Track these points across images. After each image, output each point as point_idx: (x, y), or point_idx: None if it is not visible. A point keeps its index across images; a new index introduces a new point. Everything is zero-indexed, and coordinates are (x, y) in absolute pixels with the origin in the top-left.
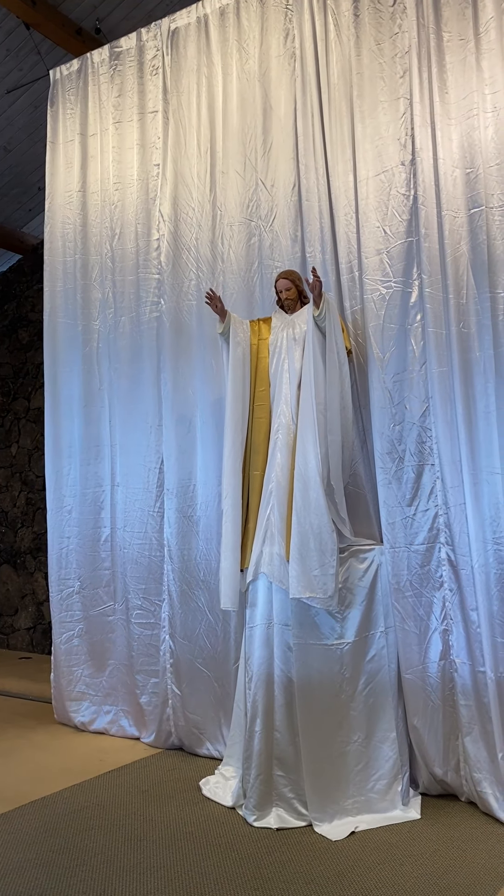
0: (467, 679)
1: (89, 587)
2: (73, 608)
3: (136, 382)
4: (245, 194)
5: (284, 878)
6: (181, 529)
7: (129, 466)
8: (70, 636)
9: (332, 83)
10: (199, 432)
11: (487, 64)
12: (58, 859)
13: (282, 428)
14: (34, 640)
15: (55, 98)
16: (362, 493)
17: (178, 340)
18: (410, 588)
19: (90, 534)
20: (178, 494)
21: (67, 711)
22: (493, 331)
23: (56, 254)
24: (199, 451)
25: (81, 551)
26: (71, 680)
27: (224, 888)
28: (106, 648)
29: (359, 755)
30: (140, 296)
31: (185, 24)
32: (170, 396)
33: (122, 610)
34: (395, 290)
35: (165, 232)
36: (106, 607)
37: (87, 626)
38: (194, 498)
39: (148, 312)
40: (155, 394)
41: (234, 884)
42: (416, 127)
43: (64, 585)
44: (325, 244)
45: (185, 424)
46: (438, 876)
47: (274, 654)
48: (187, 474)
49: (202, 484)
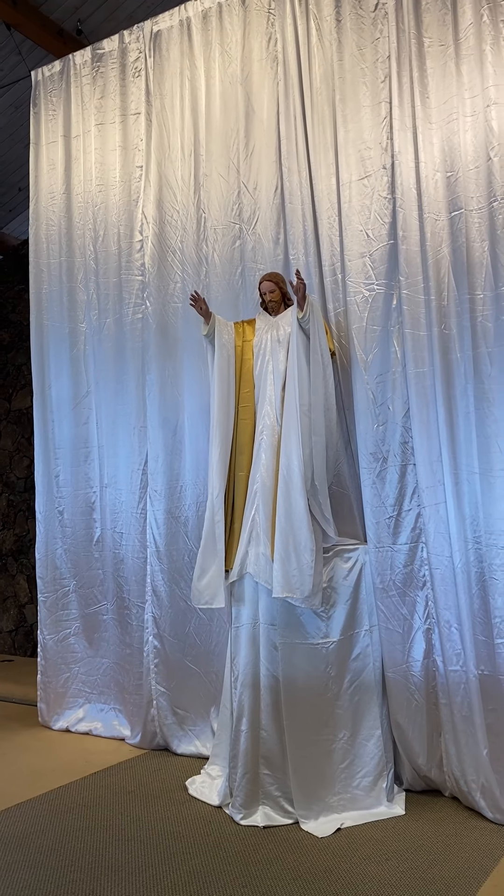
0: (448, 677)
1: (84, 587)
2: (68, 607)
3: (120, 384)
4: (229, 197)
5: (272, 875)
6: (170, 530)
7: (115, 468)
8: (66, 634)
9: (314, 87)
10: (187, 433)
11: (466, 69)
12: (46, 860)
13: (266, 429)
14: (16, 642)
15: (37, 99)
16: (347, 493)
17: (163, 342)
18: (394, 587)
19: (83, 534)
20: (167, 495)
21: (58, 711)
22: (471, 332)
23: (41, 255)
24: (187, 451)
25: (75, 552)
26: (67, 678)
27: (212, 886)
28: (101, 647)
29: (344, 753)
30: (123, 297)
31: (168, 27)
32: (156, 398)
33: (113, 609)
34: (378, 293)
35: (149, 234)
36: (100, 606)
37: (82, 624)
38: (182, 498)
39: (131, 314)
40: (139, 395)
41: (222, 881)
42: (396, 131)
43: (59, 585)
44: (308, 247)
45: (171, 426)
46: (423, 870)
47: (260, 653)
48: (175, 475)
49: (191, 485)
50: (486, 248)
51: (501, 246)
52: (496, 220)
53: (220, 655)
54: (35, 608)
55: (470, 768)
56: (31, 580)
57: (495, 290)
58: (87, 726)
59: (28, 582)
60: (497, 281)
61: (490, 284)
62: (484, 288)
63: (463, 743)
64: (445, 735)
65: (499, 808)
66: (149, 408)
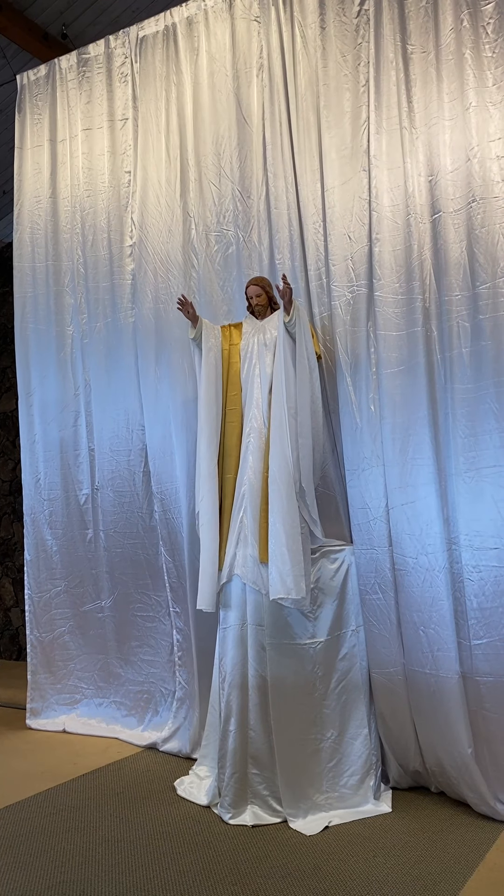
0: (427, 678)
1: (78, 586)
2: (61, 606)
3: (113, 386)
4: (215, 202)
5: (261, 873)
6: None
7: (110, 470)
8: (59, 634)
9: (299, 93)
10: (174, 436)
11: (446, 73)
12: (36, 861)
13: (253, 432)
14: (1, 646)
15: (23, 103)
16: (332, 494)
17: (155, 345)
18: (379, 589)
19: (76, 535)
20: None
21: (48, 712)
22: (449, 332)
23: (25, 259)
24: (176, 454)
25: (66, 552)
26: (58, 677)
27: (202, 884)
28: (96, 644)
29: (332, 752)
30: (115, 301)
31: (153, 33)
32: (151, 401)
33: (112, 606)
34: (359, 294)
35: (138, 239)
36: (94, 604)
37: (75, 623)
38: (177, 500)
39: (122, 318)
40: (133, 398)
41: (212, 880)
42: (379, 135)
43: (51, 586)
44: (294, 251)
45: (162, 428)
46: (410, 865)
47: (248, 654)
48: (169, 477)
49: (183, 486)
50: (464, 248)
51: (479, 246)
52: (474, 221)
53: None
54: (21, 611)
55: (454, 767)
56: (16, 583)
57: (472, 291)
58: (81, 725)
59: (13, 585)
60: (474, 281)
61: (467, 284)
62: (461, 288)
63: (447, 742)
64: (430, 734)
65: (485, 802)
66: (145, 410)
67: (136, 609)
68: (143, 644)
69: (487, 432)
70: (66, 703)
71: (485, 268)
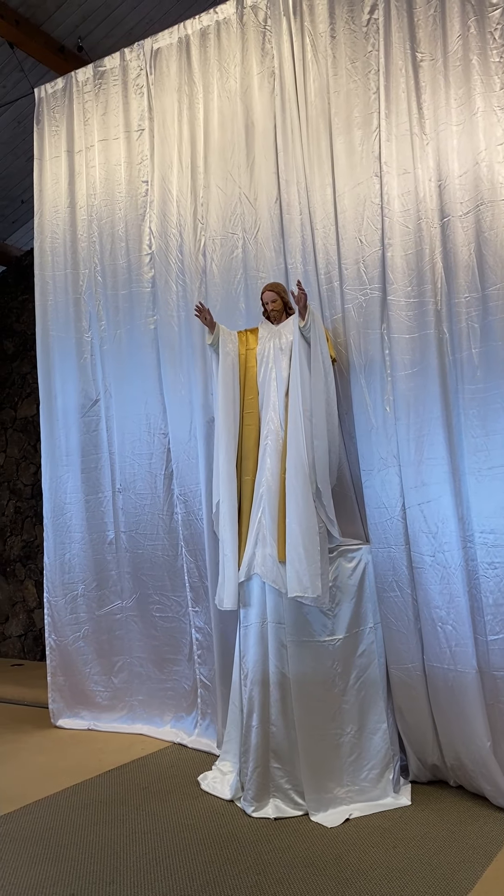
0: (445, 674)
1: (96, 588)
2: (79, 609)
3: (133, 392)
4: (228, 208)
5: (285, 863)
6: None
7: (132, 474)
8: (78, 636)
9: (310, 101)
10: (198, 439)
11: (454, 79)
12: (67, 853)
13: (271, 434)
14: (25, 646)
15: (41, 116)
16: (349, 494)
17: (175, 351)
18: (396, 587)
19: (95, 538)
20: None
21: (70, 711)
22: (460, 334)
23: (46, 268)
24: (200, 456)
25: (86, 555)
26: (80, 678)
27: (227, 874)
28: (115, 645)
29: (352, 746)
30: (133, 309)
31: (168, 45)
32: (173, 405)
33: (133, 607)
34: (373, 297)
35: (155, 247)
36: (114, 606)
37: (96, 625)
38: (200, 502)
39: (142, 325)
40: (156, 403)
41: (237, 869)
42: (390, 141)
43: (69, 589)
44: (306, 256)
45: (186, 431)
46: (429, 856)
47: (268, 651)
48: (193, 479)
49: (205, 489)
50: (473, 250)
51: (488, 248)
52: (483, 224)
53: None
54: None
55: (472, 761)
56: (39, 585)
57: (481, 292)
58: (105, 724)
59: (36, 587)
60: (483, 283)
61: (477, 286)
62: (471, 290)
63: (465, 736)
64: (448, 728)
65: (503, 795)
66: (169, 413)
67: (154, 609)
68: (164, 644)
69: (498, 431)
70: (87, 704)
71: (494, 270)
